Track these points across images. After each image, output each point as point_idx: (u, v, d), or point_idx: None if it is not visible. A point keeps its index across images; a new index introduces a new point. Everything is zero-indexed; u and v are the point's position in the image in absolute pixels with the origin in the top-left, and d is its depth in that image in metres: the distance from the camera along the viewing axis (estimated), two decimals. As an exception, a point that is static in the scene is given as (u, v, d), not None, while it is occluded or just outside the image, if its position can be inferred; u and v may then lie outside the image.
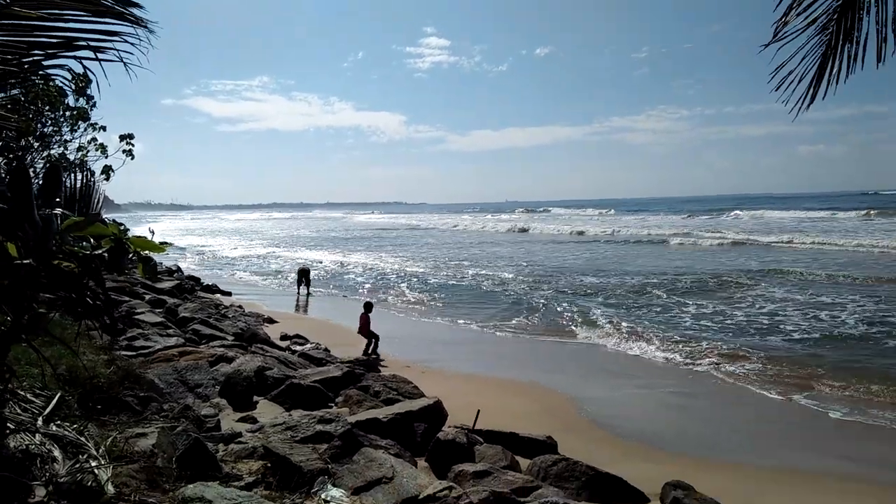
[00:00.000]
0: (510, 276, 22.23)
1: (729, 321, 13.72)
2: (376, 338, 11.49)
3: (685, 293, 17.45)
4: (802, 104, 3.54)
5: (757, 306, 15.30)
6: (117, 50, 2.62)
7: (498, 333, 13.34)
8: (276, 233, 63.43)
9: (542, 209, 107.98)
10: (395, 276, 23.88)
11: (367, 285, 21.48)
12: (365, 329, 11.57)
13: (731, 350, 11.13)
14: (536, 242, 40.92)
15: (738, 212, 66.99)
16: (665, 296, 17.08)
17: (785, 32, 3.42)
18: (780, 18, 3.38)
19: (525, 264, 26.55)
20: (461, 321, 14.61)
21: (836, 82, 3.45)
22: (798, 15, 3.36)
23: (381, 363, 10.79)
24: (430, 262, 28.23)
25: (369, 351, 11.33)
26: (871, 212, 54.20)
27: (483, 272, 23.59)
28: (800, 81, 3.49)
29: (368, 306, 12.03)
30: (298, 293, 19.88)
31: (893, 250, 27.82)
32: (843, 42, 3.32)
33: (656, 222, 56.62)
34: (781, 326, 13.01)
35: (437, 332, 13.70)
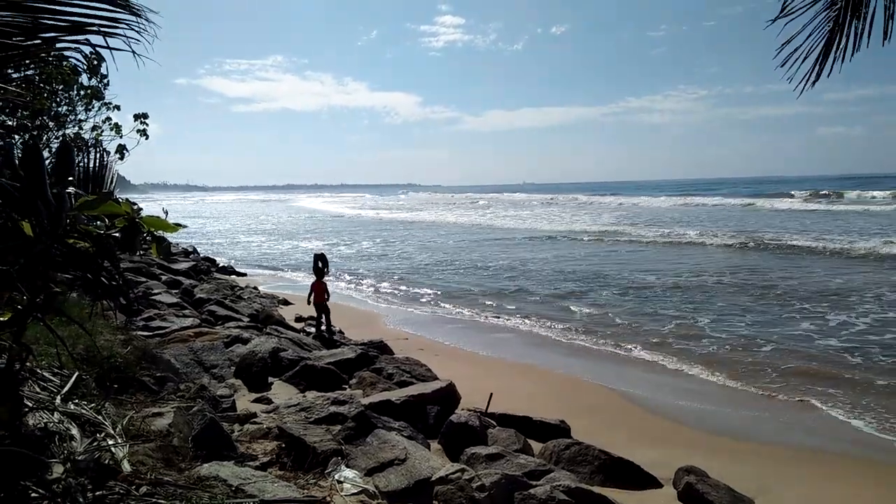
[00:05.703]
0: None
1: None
2: (327, 311, 10.58)
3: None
4: (807, 81, 3.46)
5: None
6: (125, 37, 2.62)
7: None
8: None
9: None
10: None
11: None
12: (320, 297, 10.57)
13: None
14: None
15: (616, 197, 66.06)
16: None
17: (793, 7, 3.33)
18: (789, -8, 3.30)
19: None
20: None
21: (843, 60, 3.36)
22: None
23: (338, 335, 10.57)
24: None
25: (322, 327, 10.51)
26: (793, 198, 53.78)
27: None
28: (805, 58, 3.41)
29: (321, 273, 10.92)
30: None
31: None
32: (850, 18, 3.23)
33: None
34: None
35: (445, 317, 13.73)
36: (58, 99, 9.84)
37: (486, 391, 7.05)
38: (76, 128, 10.43)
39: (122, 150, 10.11)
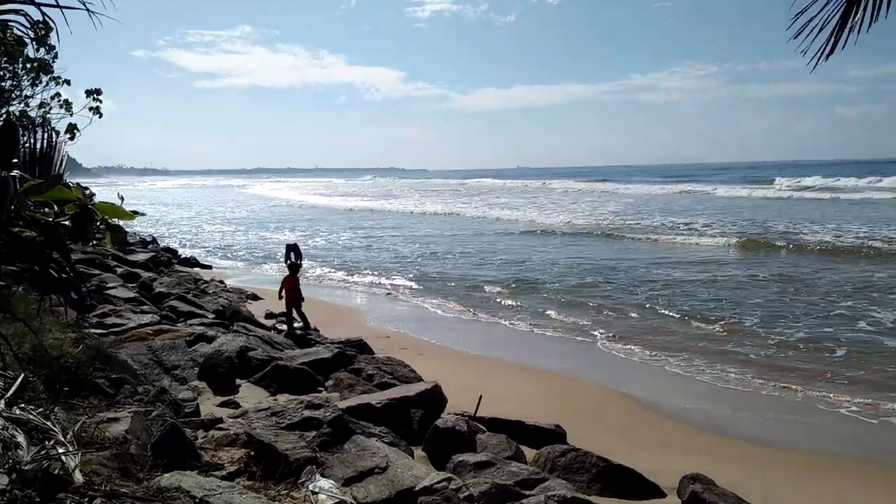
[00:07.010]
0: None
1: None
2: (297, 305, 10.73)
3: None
4: (822, 54, 3.50)
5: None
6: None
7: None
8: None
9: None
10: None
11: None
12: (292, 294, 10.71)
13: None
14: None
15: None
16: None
17: None
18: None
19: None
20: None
21: (859, 31, 3.40)
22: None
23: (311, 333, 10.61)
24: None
25: (294, 325, 10.66)
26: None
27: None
28: (821, 29, 3.44)
29: (295, 268, 11.08)
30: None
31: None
32: None
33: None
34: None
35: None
36: (0, 73, 9.72)
37: (475, 393, 7.08)
38: (21, 105, 10.31)
39: (72, 129, 10.00)
